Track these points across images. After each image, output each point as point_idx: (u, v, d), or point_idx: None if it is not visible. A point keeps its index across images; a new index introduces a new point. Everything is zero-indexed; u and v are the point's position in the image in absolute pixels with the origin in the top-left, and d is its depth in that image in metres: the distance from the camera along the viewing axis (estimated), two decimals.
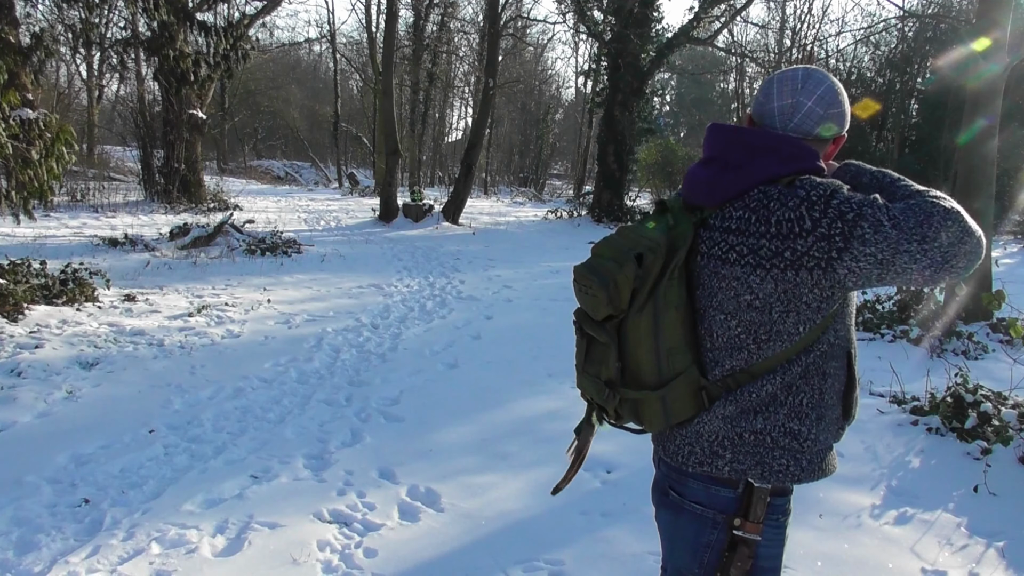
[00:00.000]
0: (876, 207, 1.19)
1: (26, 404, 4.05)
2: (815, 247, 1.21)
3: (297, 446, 3.73)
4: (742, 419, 1.32)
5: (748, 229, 1.27)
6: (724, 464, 1.34)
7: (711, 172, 1.35)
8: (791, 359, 1.29)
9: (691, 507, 1.39)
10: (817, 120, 1.35)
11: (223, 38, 14.53)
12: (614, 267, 1.32)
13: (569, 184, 35.41)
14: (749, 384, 1.31)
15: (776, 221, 1.24)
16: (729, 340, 1.32)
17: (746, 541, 1.34)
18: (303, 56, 40.66)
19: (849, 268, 1.20)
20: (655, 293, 1.31)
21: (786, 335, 1.28)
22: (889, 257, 1.17)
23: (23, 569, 2.56)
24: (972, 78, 6.35)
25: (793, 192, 1.25)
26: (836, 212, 1.20)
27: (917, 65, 20.43)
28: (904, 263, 1.16)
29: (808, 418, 1.31)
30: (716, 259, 1.31)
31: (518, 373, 5.17)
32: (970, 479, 3.50)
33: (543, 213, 18.91)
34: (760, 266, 1.25)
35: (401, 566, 2.68)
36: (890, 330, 6.19)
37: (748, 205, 1.29)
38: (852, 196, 1.22)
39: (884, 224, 1.16)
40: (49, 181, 5.74)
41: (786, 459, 1.31)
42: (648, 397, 1.35)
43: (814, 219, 1.21)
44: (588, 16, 17.59)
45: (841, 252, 1.19)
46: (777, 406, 1.30)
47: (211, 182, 18.38)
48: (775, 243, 1.24)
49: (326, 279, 8.65)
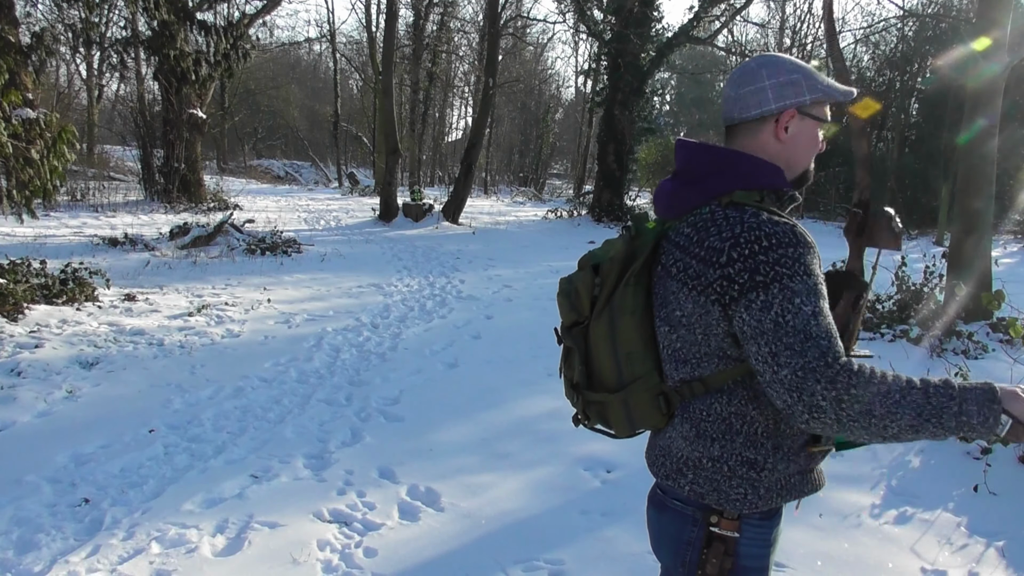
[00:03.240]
0: (787, 298, 1.15)
1: (26, 404, 4.05)
2: (718, 283, 1.22)
3: (297, 446, 3.73)
4: (700, 444, 1.33)
5: (688, 247, 1.30)
6: (685, 483, 1.37)
7: (675, 186, 1.39)
8: (736, 380, 1.29)
9: (673, 504, 1.41)
10: (733, 103, 1.36)
11: (223, 37, 14.54)
12: (577, 276, 1.43)
13: (569, 184, 35.41)
14: (702, 397, 1.32)
15: (706, 246, 1.25)
16: (673, 353, 1.35)
17: (722, 538, 1.35)
18: (303, 55, 40.67)
19: (736, 319, 1.21)
20: (612, 300, 1.36)
21: (715, 358, 1.29)
22: (747, 336, 1.18)
23: (23, 568, 2.56)
24: (972, 78, 6.35)
25: (731, 226, 1.24)
26: (752, 264, 1.18)
27: (917, 64, 20.43)
28: (750, 352, 1.18)
29: (764, 447, 1.31)
30: (666, 271, 1.35)
31: (518, 372, 5.17)
32: (970, 479, 3.51)
33: (543, 213, 18.91)
34: (686, 284, 1.28)
35: (401, 566, 2.68)
36: (890, 330, 6.19)
37: (695, 223, 1.31)
38: (784, 268, 1.16)
39: (772, 311, 1.15)
40: (52, 180, 5.75)
41: (743, 488, 1.32)
42: (610, 400, 1.40)
43: (731, 257, 1.21)
44: (588, 16, 17.58)
45: (731, 301, 1.20)
46: (733, 434, 1.31)
47: (211, 182, 18.38)
48: (699, 266, 1.26)
49: (326, 279, 8.65)
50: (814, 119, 1.37)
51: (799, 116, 1.35)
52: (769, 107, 1.33)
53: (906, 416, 1.13)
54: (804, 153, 1.38)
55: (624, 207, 17.25)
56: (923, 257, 7.74)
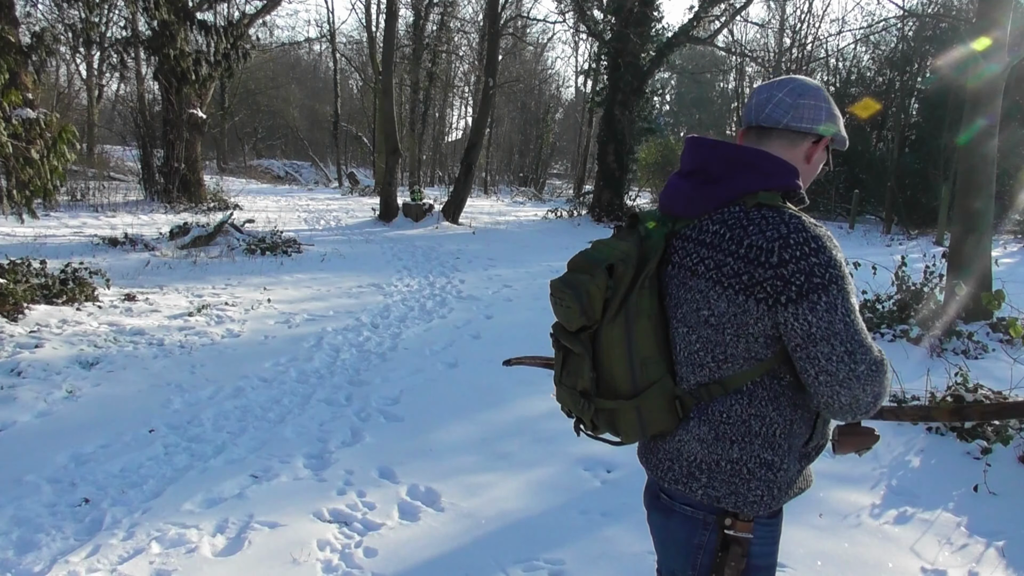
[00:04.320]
0: (846, 299, 1.21)
1: (26, 403, 4.05)
2: (769, 282, 1.22)
3: (297, 445, 3.73)
4: (718, 446, 1.32)
5: (720, 245, 1.29)
6: (699, 487, 1.35)
7: (692, 184, 1.37)
8: (756, 381, 1.30)
9: (681, 509, 1.40)
10: (786, 109, 1.36)
11: (223, 37, 14.53)
12: (587, 279, 1.34)
13: (569, 183, 35.40)
14: (721, 399, 1.31)
15: (748, 244, 1.25)
16: (690, 355, 1.34)
17: (738, 540, 1.35)
18: (303, 55, 40.66)
19: (786, 320, 1.22)
20: (627, 303, 1.33)
21: (741, 359, 1.29)
22: (817, 338, 1.20)
23: (23, 568, 2.56)
24: (972, 78, 6.35)
25: (775, 225, 1.25)
26: (807, 267, 1.21)
27: (917, 64, 20.42)
28: (821, 353, 1.20)
29: (781, 448, 1.32)
30: (686, 270, 1.33)
31: (518, 372, 5.16)
32: (970, 478, 3.50)
33: (543, 212, 18.91)
34: (719, 283, 1.27)
35: (401, 566, 2.68)
36: (890, 329, 6.18)
37: (726, 221, 1.30)
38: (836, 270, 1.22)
39: (838, 312, 1.20)
40: (53, 180, 5.75)
41: (761, 490, 1.32)
42: (623, 407, 1.36)
43: (783, 258, 1.22)
44: (588, 15, 17.58)
45: (789, 302, 1.21)
46: (752, 436, 1.31)
47: (211, 181, 18.39)
48: (739, 264, 1.25)
49: (326, 278, 8.65)
50: (825, 154, 1.44)
51: (824, 147, 1.42)
52: (818, 127, 1.37)
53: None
54: (809, 179, 1.44)
55: (624, 207, 17.24)
56: (923, 257, 7.74)
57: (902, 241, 15.47)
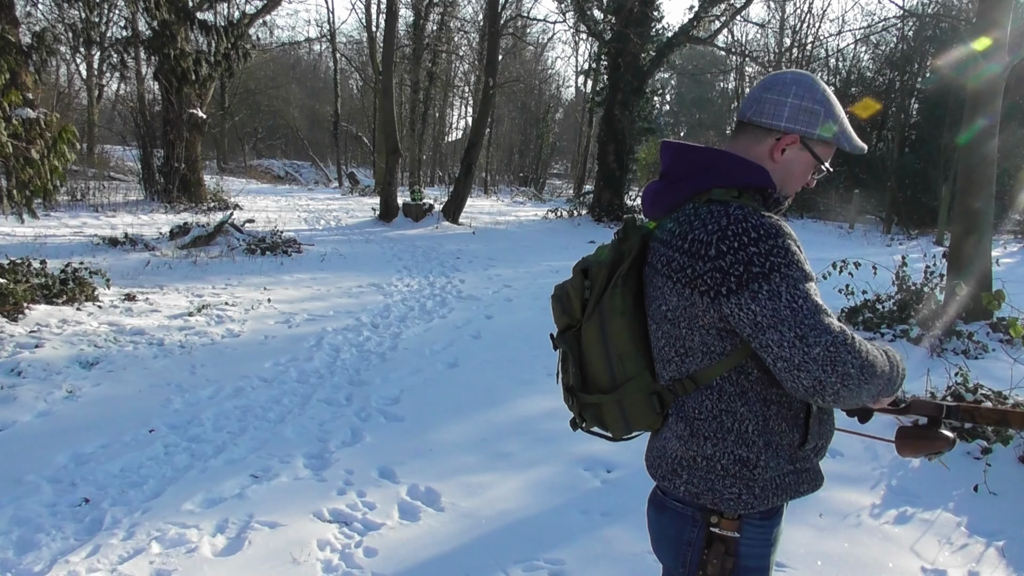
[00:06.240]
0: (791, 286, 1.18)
1: (26, 403, 4.05)
2: (709, 275, 1.24)
3: (297, 445, 3.73)
4: (693, 442, 1.34)
5: (672, 242, 1.32)
6: (680, 483, 1.37)
7: (660, 186, 1.43)
8: (723, 376, 1.30)
9: (672, 505, 1.42)
10: (751, 103, 1.38)
11: (223, 37, 14.54)
12: (568, 281, 1.45)
13: (569, 183, 35.41)
14: (694, 394, 1.33)
15: (691, 239, 1.28)
16: (659, 351, 1.37)
17: (723, 538, 1.35)
18: (303, 55, 40.65)
19: (732, 311, 1.22)
20: (601, 302, 1.38)
21: (699, 353, 1.30)
22: (764, 326, 1.19)
23: (23, 568, 2.56)
24: (972, 78, 6.35)
25: (716, 219, 1.26)
26: (745, 257, 1.20)
27: (917, 64, 20.43)
28: (772, 341, 1.18)
29: (755, 445, 1.31)
30: (653, 268, 1.38)
31: (518, 372, 5.17)
32: (970, 478, 3.50)
33: (543, 212, 18.91)
34: (670, 278, 1.31)
35: (401, 565, 2.68)
36: (890, 329, 6.18)
37: (678, 219, 1.34)
38: (778, 257, 1.19)
39: (783, 299, 1.18)
40: (53, 180, 5.75)
41: (738, 487, 1.32)
42: (605, 401, 1.41)
43: (720, 250, 1.22)
44: (588, 15, 17.58)
45: (730, 293, 1.21)
46: (724, 432, 1.31)
47: (211, 181, 18.37)
48: (683, 259, 1.28)
49: (326, 278, 8.65)
50: (813, 155, 1.38)
51: (800, 145, 1.36)
52: (779, 123, 1.35)
53: (883, 377, 1.23)
54: (790, 181, 1.39)
55: (624, 207, 17.25)
56: (923, 257, 7.73)
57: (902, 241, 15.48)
